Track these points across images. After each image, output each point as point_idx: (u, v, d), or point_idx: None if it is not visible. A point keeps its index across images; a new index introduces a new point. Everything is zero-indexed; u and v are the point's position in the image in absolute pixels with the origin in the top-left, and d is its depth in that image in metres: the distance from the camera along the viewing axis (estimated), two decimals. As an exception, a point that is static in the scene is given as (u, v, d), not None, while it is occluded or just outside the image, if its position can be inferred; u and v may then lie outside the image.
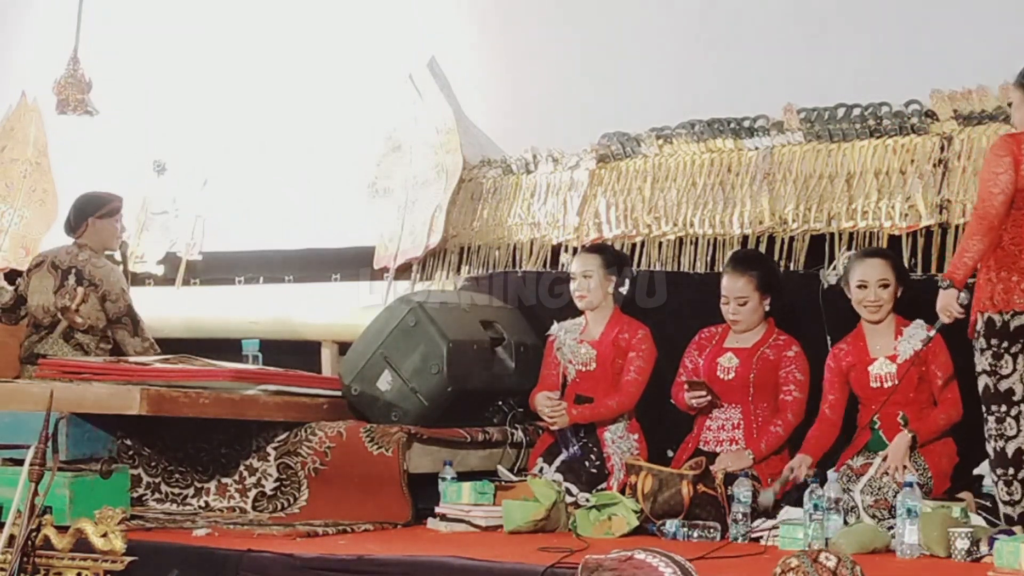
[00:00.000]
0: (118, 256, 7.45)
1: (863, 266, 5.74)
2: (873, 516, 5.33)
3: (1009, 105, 5.45)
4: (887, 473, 5.47)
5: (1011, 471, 5.19)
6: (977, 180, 6.00)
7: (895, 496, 5.28)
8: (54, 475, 4.64)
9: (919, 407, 5.63)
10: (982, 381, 5.23)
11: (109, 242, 7.37)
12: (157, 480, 6.45)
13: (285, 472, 6.24)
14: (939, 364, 5.62)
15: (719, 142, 6.74)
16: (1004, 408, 5.19)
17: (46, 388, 5.29)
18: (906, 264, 6.09)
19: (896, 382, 5.62)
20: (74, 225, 7.30)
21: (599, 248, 6.55)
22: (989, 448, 5.23)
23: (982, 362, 5.22)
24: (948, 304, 5.23)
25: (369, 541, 5.50)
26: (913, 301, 5.80)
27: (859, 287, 5.72)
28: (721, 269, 6.22)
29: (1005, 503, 5.19)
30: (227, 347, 7.15)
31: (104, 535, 4.58)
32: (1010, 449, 5.18)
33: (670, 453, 6.15)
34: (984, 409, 5.24)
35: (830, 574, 4.10)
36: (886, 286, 5.69)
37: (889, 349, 5.69)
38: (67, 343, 7.14)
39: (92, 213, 7.27)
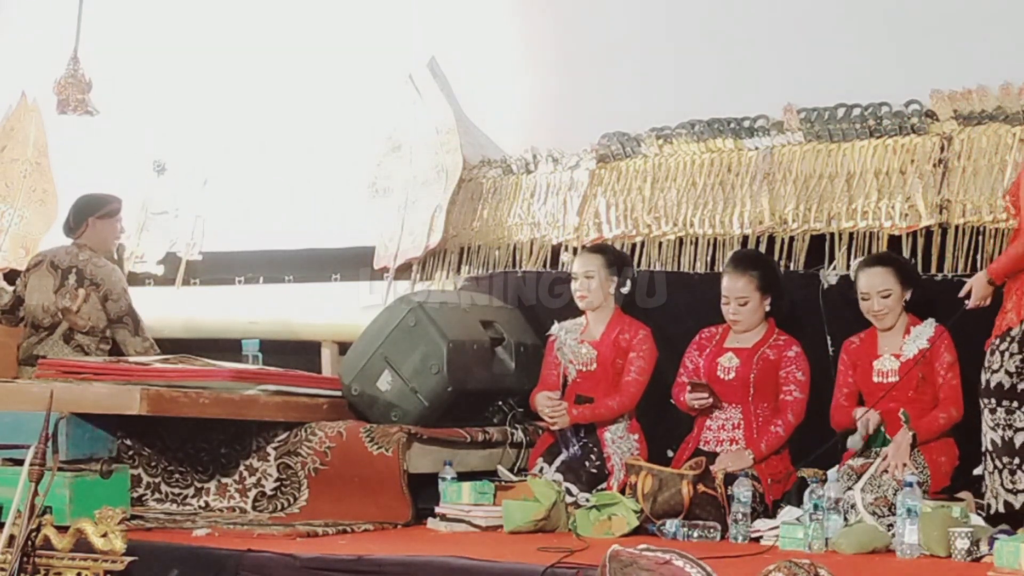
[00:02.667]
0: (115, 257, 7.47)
1: (865, 276, 5.77)
2: (873, 514, 5.33)
3: None
4: (887, 471, 5.48)
5: (1017, 460, 5.23)
6: (977, 180, 6.02)
7: (895, 494, 5.29)
8: (54, 475, 4.63)
9: (921, 406, 5.64)
10: (998, 377, 5.25)
11: (109, 243, 7.39)
12: (157, 480, 6.45)
13: (285, 472, 6.24)
14: (943, 363, 5.64)
15: (719, 142, 6.74)
16: (1016, 404, 5.24)
17: (46, 388, 5.29)
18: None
19: (897, 379, 5.63)
20: (73, 226, 7.31)
21: (601, 248, 6.55)
22: (996, 436, 5.24)
23: (1008, 364, 5.25)
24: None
25: (369, 541, 5.50)
26: (915, 302, 5.82)
27: (863, 298, 5.74)
28: (721, 269, 6.22)
29: (1008, 491, 5.20)
30: (227, 347, 7.15)
31: (104, 535, 4.57)
32: (1018, 440, 5.24)
33: (670, 453, 6.15)
34: (993, 402, 5.26)
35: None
36: (887, 296, 5.70)
37: (896, 347, 5.70)
38: (67, 344, 7.15)
39: (92, 213, 7.29)
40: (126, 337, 7.22)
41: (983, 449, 5.36)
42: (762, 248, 6.45)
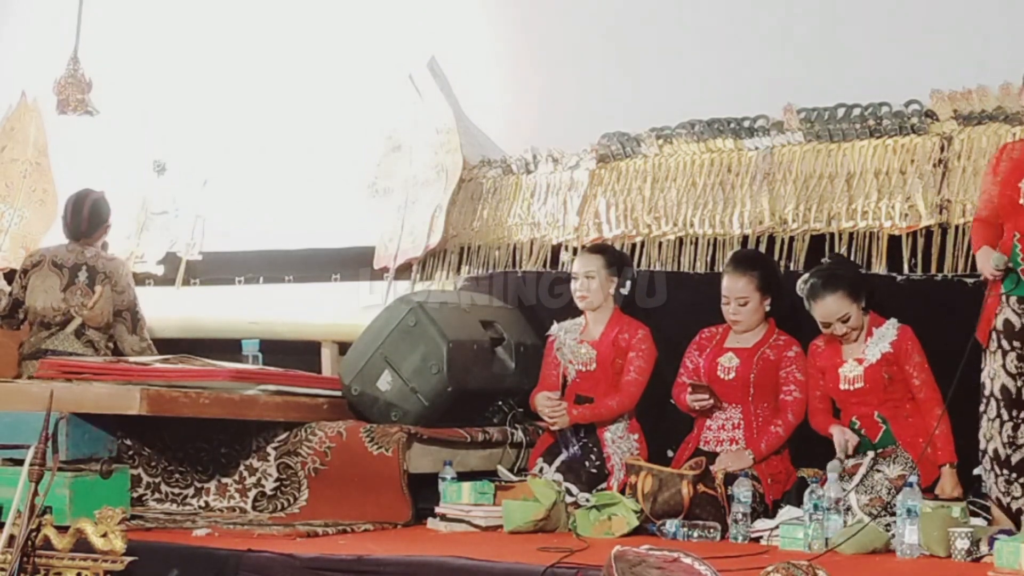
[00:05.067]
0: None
1: (819, 307, 5.70)
2: (869, 515, 5.33)
3: None
4: (878, 471, 5.48)
5: None
6: (977, 180, 6.02)
7: (888, 494, 5.29)
8: (54, 475, 4.63)
9: (893, 405, 5.64)
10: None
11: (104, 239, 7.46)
12: (157, 480, 6.45)
13: (285, 472, 6.24)
14: (913, 365, 5.62)
15: (719, 142, 6.74)
16: None
17: (46, 388, 5.29)
18: (906, 264, 6.10)
19: (863, 384, 5.63)
20: (89, 230, 7.31)
21: (601, 248, 6.55)
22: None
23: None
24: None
25: (369, 541, 5.50)
26: (910, 301, 5.80)
27: (823, 326, 5.72)
28: (721, 269, 6.22)
29: None
30: (227, 347, 7.15)
31: (104, 535, 4.57)
32: None
33: (670, 453, 6.15)
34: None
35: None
36: (848, 319, 5.66)
37: (859, 352, 5.69)
38: (78, 339, 7.15)
39: (108, 217, 7.34)
40: (123, 333, 7.23)
41: None
42: (762, 248, 6.44)
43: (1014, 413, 5.30)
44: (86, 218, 7.34)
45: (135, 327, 7.26)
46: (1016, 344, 5.29)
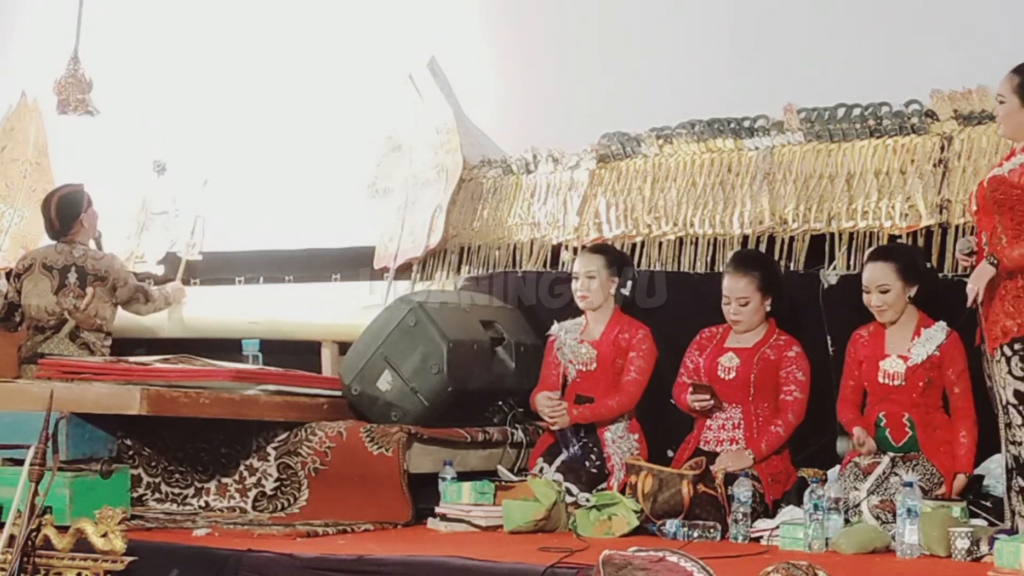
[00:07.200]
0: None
1: (867, 270, 5.70)
2: (877, 517, 5.32)
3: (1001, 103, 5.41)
4: (895, 474, 5.47)
5: None
6: (977, 180, 6.02)
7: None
8: (54, 475, 4.64)
9: (925, 411, 5.60)
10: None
11: (95, 230, 7.47)
12: (157, 480, 6.45)
13: (285, 472, 6.24)
14: (956, 372, 5.57)
15: (719, 142, 6.74)
16: None
17: (46, 388, 5.30)
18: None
19: (902, 383, 5.60)
20: (62, 228, 7.31)
21: (602, 248, 6.55)
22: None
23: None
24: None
25: (369, 541, 5.50)
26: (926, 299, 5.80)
27: (864, 291, 5.69)
28: (721, 269, 6.22)
29: None
30: (227, 347, 7.15)
31: (104, 535, 4.58)
32: None
33: (670, 453, 6.15)
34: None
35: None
36: (886, 291, 5.62)
37: (903, 348, 5.65)
38: (73, 342, 7.16)
39: (80, 211, 7.33)
40: (139, 309, 7.44)
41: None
42: (762, 248, 6.44)
43: None
44: (54, 216, 7.35)
45: (147, 297, 7.44)
46: (1017, 347, 5.26)
